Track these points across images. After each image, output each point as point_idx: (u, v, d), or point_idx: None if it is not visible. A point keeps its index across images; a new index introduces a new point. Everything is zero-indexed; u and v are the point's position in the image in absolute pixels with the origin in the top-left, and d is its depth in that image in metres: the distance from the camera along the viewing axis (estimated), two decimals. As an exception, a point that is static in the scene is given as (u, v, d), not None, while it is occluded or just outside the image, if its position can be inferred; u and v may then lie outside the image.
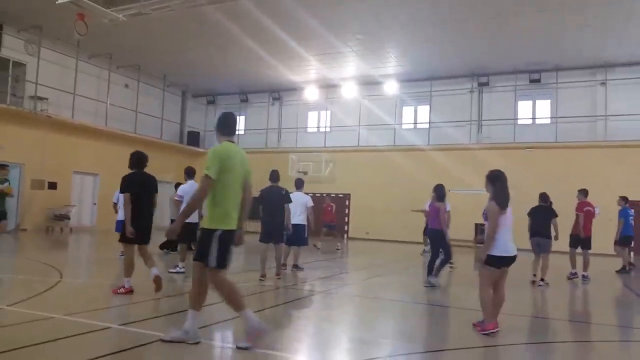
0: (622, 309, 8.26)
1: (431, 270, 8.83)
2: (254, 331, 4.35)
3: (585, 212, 10.87)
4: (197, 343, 4.43)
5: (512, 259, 5.40)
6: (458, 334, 5.64)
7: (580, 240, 10.85)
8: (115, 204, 11.58)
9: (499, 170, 5.65)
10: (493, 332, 5.25)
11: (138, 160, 7.11)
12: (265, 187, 9.12)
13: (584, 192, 11.17)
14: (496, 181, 5.51)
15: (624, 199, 12.31)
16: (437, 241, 9.15)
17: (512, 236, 5.40)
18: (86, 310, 5.62)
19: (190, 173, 10.00)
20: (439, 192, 9.18)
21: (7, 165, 11.39)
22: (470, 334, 5.67)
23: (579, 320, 7.03)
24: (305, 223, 10.10)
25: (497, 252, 5.33)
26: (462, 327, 6.06)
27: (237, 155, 4.52)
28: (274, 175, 9.26)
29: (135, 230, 6.68)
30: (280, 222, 8.99)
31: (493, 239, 5.31)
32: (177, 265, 9.24)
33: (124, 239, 6.85)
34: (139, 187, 6.90)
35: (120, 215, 10.28)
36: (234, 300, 4.42)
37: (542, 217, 10.02)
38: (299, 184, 10.45)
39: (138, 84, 23.48)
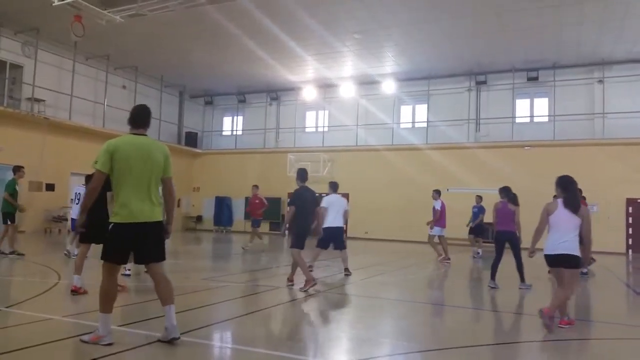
0: (618, 306, 8.26)
1: (494, 272, 8.78)
2: (91, 336, 4.30)
3: None
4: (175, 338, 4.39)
5: (557, 258, 5.67)
6: (457, 333, 5.63)
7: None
8: (72, 200, 11.05)
9: (568, 176, 6.01)
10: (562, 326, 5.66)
11: None
12: (299, 189, 8.18)
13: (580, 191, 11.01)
14: (569, 185, 5.93)
15: (480, 197, 12.59)
16: (509, 243, 8.83)
17: (563, 236, 5.66)
18: (85, 312, 5.61)
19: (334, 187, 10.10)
20: (512, 195, 9.19)
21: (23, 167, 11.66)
22: (468, 332, 5.66)
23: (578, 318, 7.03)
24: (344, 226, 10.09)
25: (545, 251, 5.80)
26: (461, 325, 6.06)
27: (137, 147, 4.33)
28: (304, 175, 8.29)
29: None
30: (311, 226, 8.39)
31: (535, 235, 5.96)
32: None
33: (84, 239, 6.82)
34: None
35: (73, 213, 10.49)
36: (103, 299, 4.33)
37: None
38: (335, 187, 10.46)
39: (135, 85, 23.45)
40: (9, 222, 11.07)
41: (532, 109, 22.03)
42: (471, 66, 21.37)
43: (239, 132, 27.69)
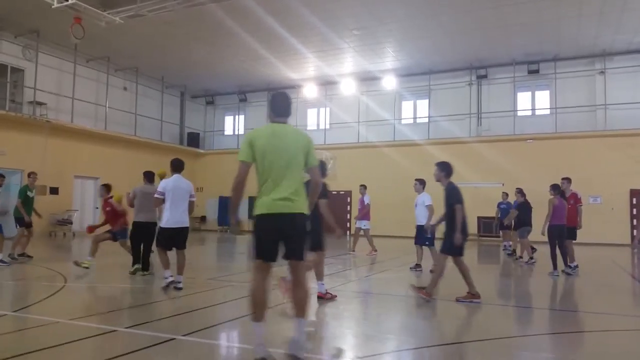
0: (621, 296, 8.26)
1: (565, 261, 9.91)
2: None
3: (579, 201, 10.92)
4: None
5: None
6: (461, 328, 5.64)
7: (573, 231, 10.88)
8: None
9: None
10: None
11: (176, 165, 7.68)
12: (453, 184, 7.29)
13: (570, 181, 11.14)
14: None
15: (507, 194, 13.98)
16: (561, 235, 9.79)
17: None
18: (91, 314, 5.65)
19: (177, 166, 7.67)
20: (561, 191, 9.98)
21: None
22: (473, 327, 5.67)
23: (579, 309, 7.03)
24: None
25: None
26: (465, 320, 6.07)
27: (277, 136, 4.06)
28: (451, 168, 7.35)
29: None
30: None
31: None
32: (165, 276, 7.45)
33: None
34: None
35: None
36: (251, 304, 4.00)
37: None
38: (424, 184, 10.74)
39: (137, 86, 23.50)
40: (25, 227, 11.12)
41: (534, 102, 21.99)
42: (471, 60, 21.35)
43: (241, 132, 27.72)
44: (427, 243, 10.34)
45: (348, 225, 24.14)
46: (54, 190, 19.24)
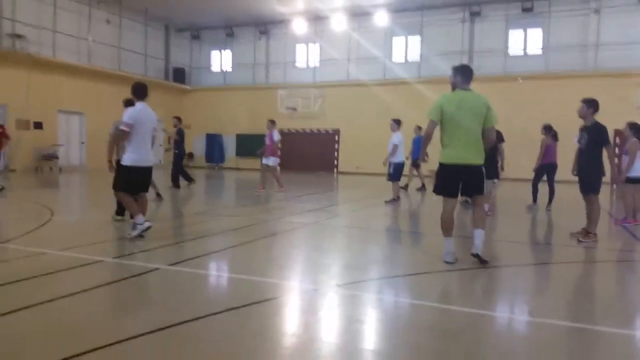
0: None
1: (550, 199, 10.60)
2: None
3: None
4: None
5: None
6: (438, 258, 5.83)
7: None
8: None
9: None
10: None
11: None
12: (600, 122, 7.23)
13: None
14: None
15: (420, 128, 14.13)
16: (553, 174, 10.73)
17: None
18: (78, 246, 5.73)
19: (142, 92, 6.51)
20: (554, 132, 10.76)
21: None
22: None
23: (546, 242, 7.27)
24: None
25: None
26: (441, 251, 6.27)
27: (461, 100, 5.12)
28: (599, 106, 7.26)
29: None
30: None
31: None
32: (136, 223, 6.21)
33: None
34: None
35: None
36: (441, 226, 5.30)
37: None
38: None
39: (120, 19, 22.70)
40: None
41: (526, 41, 21.64)
42: (465, -5, 20.79)
43: (228, 68, 27.14)
44: (388, 178, 10.98)
45: (335, 163, 24.26)
46: (38, 125, 18.99)
